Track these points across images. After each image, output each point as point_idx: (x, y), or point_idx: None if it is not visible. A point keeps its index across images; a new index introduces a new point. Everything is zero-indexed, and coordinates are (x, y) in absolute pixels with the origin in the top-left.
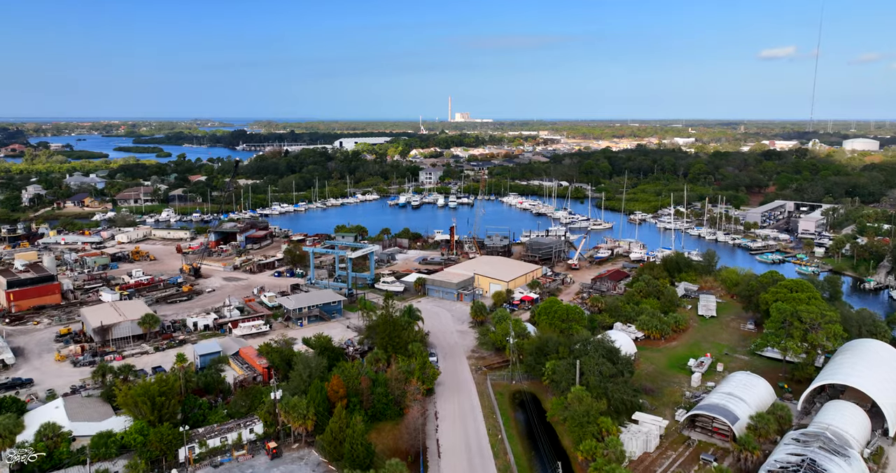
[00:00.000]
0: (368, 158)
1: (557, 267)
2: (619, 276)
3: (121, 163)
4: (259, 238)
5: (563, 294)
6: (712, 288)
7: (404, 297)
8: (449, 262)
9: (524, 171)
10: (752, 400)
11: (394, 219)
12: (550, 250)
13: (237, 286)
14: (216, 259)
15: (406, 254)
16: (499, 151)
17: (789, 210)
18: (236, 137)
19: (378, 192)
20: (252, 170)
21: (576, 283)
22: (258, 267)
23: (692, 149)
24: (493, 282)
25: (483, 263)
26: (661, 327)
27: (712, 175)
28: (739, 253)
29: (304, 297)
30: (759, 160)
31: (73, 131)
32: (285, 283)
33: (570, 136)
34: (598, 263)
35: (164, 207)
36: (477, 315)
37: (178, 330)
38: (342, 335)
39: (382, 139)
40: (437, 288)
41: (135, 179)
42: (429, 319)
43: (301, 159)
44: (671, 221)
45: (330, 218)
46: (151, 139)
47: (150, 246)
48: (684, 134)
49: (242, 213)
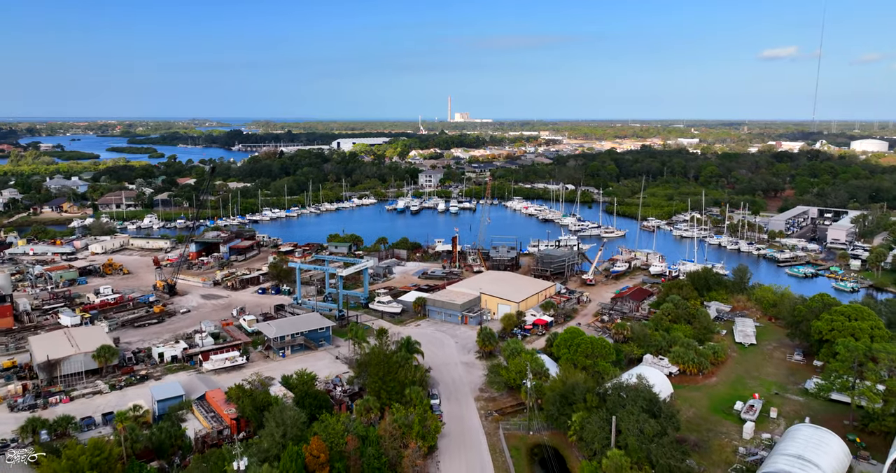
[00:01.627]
0: (366, 160)
1: (571, 283)
2: (641, 295)
3: (110, 164)
4: (244, 248)
5: (579, 315)
6: (746, 309)
7: (402, 319)
8: (451, 276)
9: (527, 174)
10: (827, 466)
11: (391, 225)
12: (563, 264)
13: (216, 306)
14: (196, 273)
15: (404, 267)
16: (500, 152)
17: (812, 216)
18: (232, 137)
19: (375, 196)
20: (245, 173)
21: (593, 302)
22: (241, 282)
23: (697, 149)
24: (502, 303)
25: (489, 280)
26: (699, 360)
27: (724, 178)
28: (765, 265)
29: (287, 323)
30: (770, 162)
31: (68, 131)
32: (269, 302)
33: (572, 137)
34: (615, 278)
35: (147, 213)
36: (485, 344)
37: (142, 361)
38: (329, 370)
39: (381, 139)
40: (439, 309)
41: (120, 182)
42: (430, 347)
43: (296, 161)
44: (688, 229)
45: (324, 224)
46: (146, 139)
47: (126, 258)
48: (687, 134)
49: (230, 220)
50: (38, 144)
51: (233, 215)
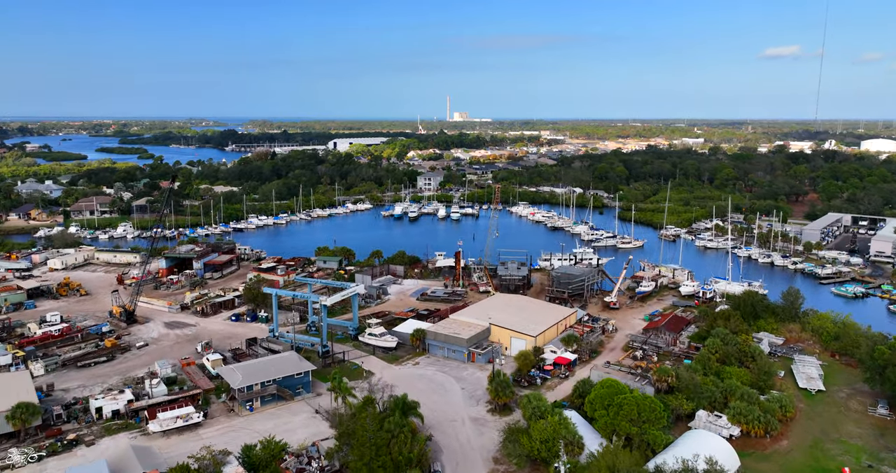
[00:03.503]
0: (362, 161)
1: (591, 308)
2: (678, 325)
3: (95, 165)
4: (221, 264)
5: (605, 349)
6: (801, 342)
7: (398, 356)
8: (454, 298)
9: (532, 176)
10: None
11: (387, 234)
12: (582, 284)
13: (179, 338)
14: (164, 294)
15: (401, 286)
16: (502, 153)
17: (845, 224)
18: (226, 137)
19: (371, 201)
20: (234, 175)
21: (619, 333)
22: (212, 306)
23: (704, 150)
24: (516, 337)
25: (499, 306)
26: (766, 419)
27: (741, 181)
28: (802, 281)
29: (256, 368)
30: (786, 163)
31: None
32: (243, 333)
33: (574, 136)
34: (641, 299)
35: (122, 220)
36: (499, 395)
37: (75, 418)
38: (306, 431)
39: (379, 139)
40: (442, 344)
41: (98, 186)
42: (430, 396)
43: (289, 162)
44: (712, 238)
45: (315, 232)
46: (139, 139)
47: (88, 275)
48: (691, 134)
49: (212, 228)
50: (25, 145)
51: (215, 223)
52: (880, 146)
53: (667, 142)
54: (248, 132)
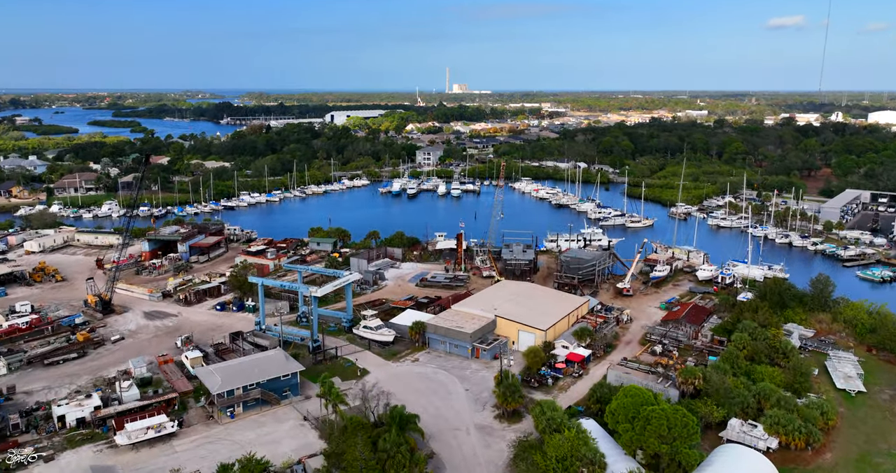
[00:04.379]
0: (360, 135)
1: (602, 294)
2: (699, 316)
3: (85, 139)
4: (208, 246)
5: (621, 342)
6: (833, 335)
7: (395, 351)
8: (456, 283)
9: (534, 150)
10: None
11: (385, 212)
12: (593, 269)
13: (159, 330)
14: (145, 279)
15: (399, 270)
16: (503, 126)
17: (863, 202)
18: (221, 110)
19: (368, 177)
20: (226, 150)
21: (635, 323)
22: (196, 294)
23: (709, 122)
24: (524, 330)
25: (505, 295)
26: (807, 429)
27: (751, 155)
28: (823, 263)
29: (238, 369)
30: (795, 136)
31: (54, 103)
32: (228, 324)
33: (575, 108)
34: (655, 285)
35: (108, 198)
36: (507, 400)
37: (35, 427)
38: (292, 444)
39: (377, 112)
40: (443, 338)
41: (85, 161)
42: (431, 398)
43: (284, 136)
44: (725, 217)
45: (310, 210)
46: (132, 112)
47: (67, 258)
48: (694, 106)
49: (202, 206)
50: (15, 118)
51: (205, 200)
52: (889, 118)
53: (670, 115)
54: (244, 105)
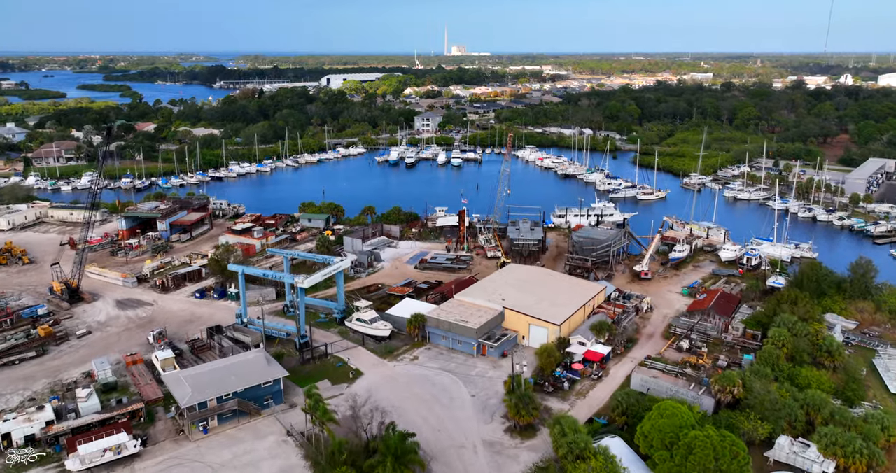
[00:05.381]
0: (356, 100)
1: (618, 278)
2: (729, 305)
3: (72, 104)
4: (191, 224)
5: (642, 334)
6: (875, 326)
7: (392, 348)
8: (459, 265)
9: (537, 115)
10: None
11: (382, 183)
12: (608, 250)
13: (131, 321)
14: (121, 261)
15: (397, 249)
16: (503, 90)
17: (888, 171)
18: (214, 74)
19: (365, 144)
20: (216, 116)
21: (656, 312)
22: (174, 279)
23: (715, 85)
24: (536, 324)
25: (513, 281)
26: (869, 450)
27: (764, 121)
28: (850, 239)
29: (211, 378)
30: (808, 100)
31: (44, 66)
32: (208, 314)
33: (577, 71)
34: (675, 267)
35: (89, 169)
36: (520, 412)
37: None
38: (272, 470)
39: (374, 75)
40: (446, 333)
41: (68, 129)
42: (433, 408)
43: (277, 101)
44: (742, 188)
45: (303, 181)
46: (124, 75)
47: (39, 237)
48: (699, 69)
49: (188, 177)
50: (2, 82)
51: (192, 171)
52: None
53: (674, 78)
54: (239, 68)
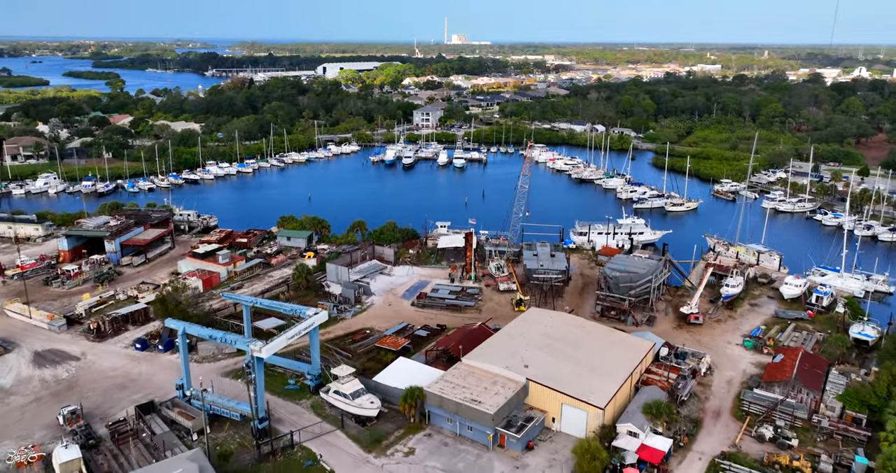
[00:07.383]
0: (351, 91)
1: (660, 320)
2: (815, 374)
3: (51, 94)
4: (146, 244)
5: (706, 416)
6: None
7: (381, 433)
8: (464, 303)
9: (544, 110)
10: None
11: (377, 189)
12: (648, 286)
13: (46, 387)
14: (56, 293)
15: (390, 276)
16: (507, 81)
17: None
18: (206, 61)
19: (359, 141)
20: (201, 108)
21: (717, 378)
22: (112, 322)
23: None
24: (571, 404)
25: (537, 337)
26: None
27: (791, 118)
28: None
29: None
30: (832, 95)
31: (34, 52)
32: (146, 375)
33: (581, 61)
34: (728, 306)
35: (48, 169)
36: None
37: None
38: None
39: (372, 64)
40: (451, 415)
41: (35, 122)
42: None
43: (267, 92)
44: (783, 198)
45: (289, 185)
46: (114, 62)
47: None
48: (706, 60)
49: (160, 180)
50: None
51: (163, 173)
52: None
53: (682, 69)
54: (233, 55)
